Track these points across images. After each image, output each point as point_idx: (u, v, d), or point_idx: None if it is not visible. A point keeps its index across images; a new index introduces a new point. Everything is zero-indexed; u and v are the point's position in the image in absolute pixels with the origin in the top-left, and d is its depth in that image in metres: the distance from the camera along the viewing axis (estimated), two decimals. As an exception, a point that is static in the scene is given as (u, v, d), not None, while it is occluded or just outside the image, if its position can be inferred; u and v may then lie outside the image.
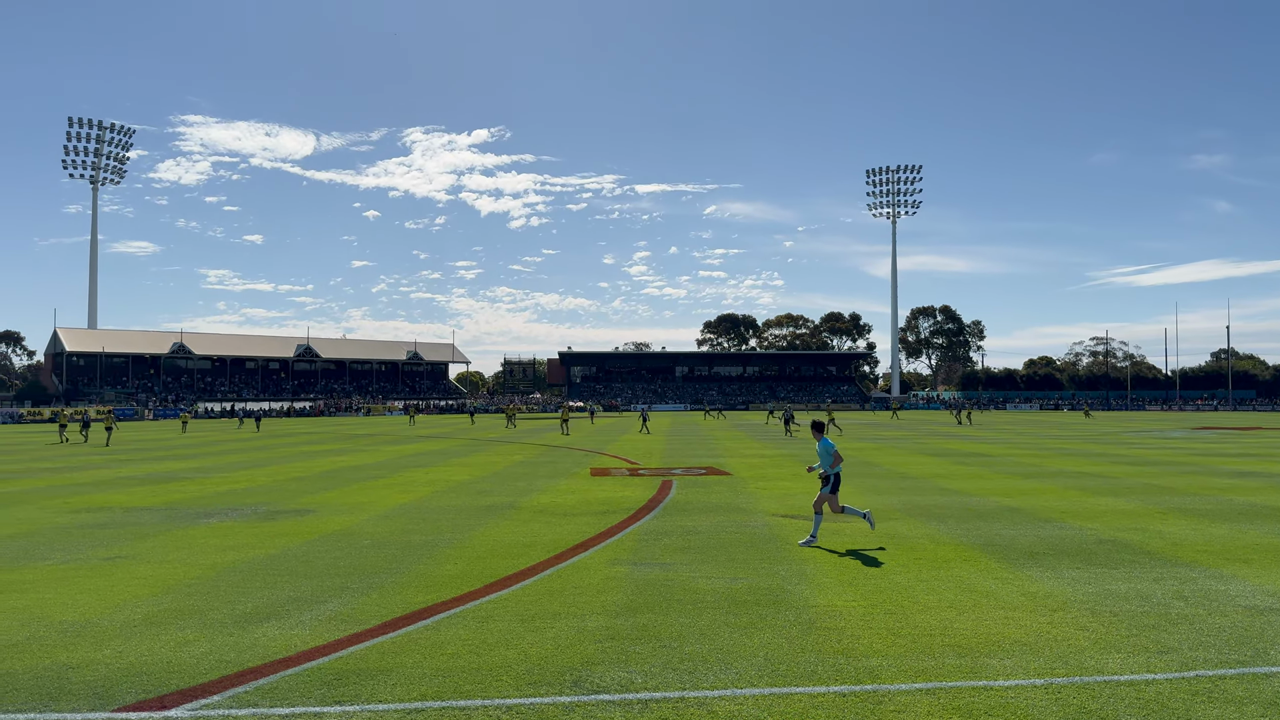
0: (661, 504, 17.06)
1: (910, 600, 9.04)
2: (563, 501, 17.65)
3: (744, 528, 13.95)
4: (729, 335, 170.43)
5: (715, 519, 14.94)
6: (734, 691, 6.32)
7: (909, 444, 38.09)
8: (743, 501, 17.36)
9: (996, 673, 6.68)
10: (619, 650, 7.34)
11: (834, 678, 6.61)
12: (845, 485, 20.32)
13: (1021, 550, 11.88)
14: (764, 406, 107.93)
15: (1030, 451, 32.90)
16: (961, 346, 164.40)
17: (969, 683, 6.46)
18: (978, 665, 6.87)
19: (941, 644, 7.46)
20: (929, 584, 9.81)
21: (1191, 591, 9.39)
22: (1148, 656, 7.07)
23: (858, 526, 14.04)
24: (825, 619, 8.29)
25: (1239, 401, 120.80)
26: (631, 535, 13.32)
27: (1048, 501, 17.25)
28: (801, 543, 12.39)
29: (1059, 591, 9.41)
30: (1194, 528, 13.89)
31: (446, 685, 6.52)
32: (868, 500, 17.43)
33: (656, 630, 7.94)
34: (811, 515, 15.08)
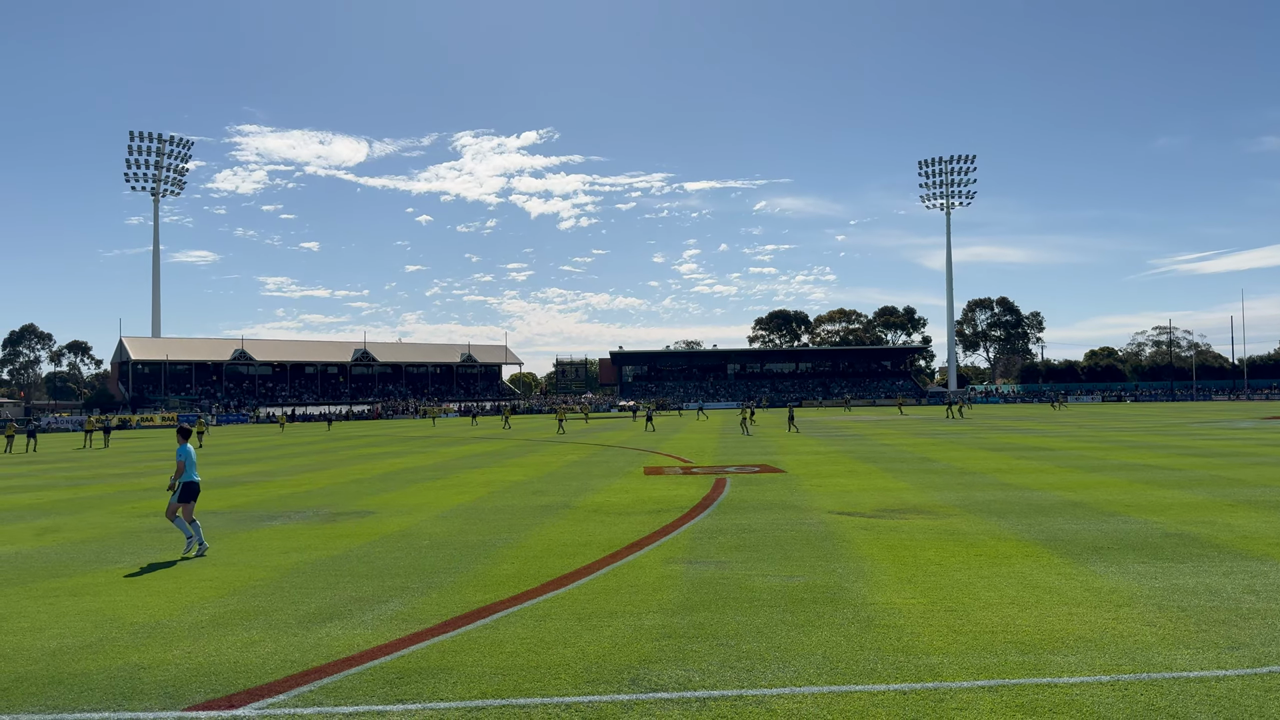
0: (716, 502, 17.03)
1: (971, 597, 8.92)
2: (617, 501, 17.71)
3: (799, 525, 13.87)
4: (781, 332, 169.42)
5: (770, 517, 14.88)
6: (792, 690, 6.30)
7: (968, 439, 37.52)
8: (797, 499, 17.27)
9: (1061, 669, 6.57)
10: (676, 648, 7.35)
11: (894, 675, 6.55)
12: (903, 482, 20.10)
13: (1085, 545, 11.65)
14: (741, 405, 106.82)
15: (1093, 444, 32.22)
16: (1020, 339, 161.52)
17: (1032, 680, 6.35)
18: (1041, 662, 6.75)
19: (1003, 641, 7.35)
20: (990, 580, 9.67)
21: (1263, 586, 9.13)
22: (1218, 652, 6.90)
23: (916, 523, 13.87)
24: (884, 616, 8.21)
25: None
26: (686, 533, 13.33)
27: (1111, 495, 16.88)
28: (187, 554, 12.30)
29: (1124, 586, 9.21)
30: (1265, 520, 13.50)
31: (506, 683, 6.59)
32: (926, 497, 17.23)
33: (713, 628, 7.93)
34: (870, 514, 15.01)
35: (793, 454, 30.28)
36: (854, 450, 31.39)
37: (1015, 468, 23.22)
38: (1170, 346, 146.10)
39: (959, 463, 25.15)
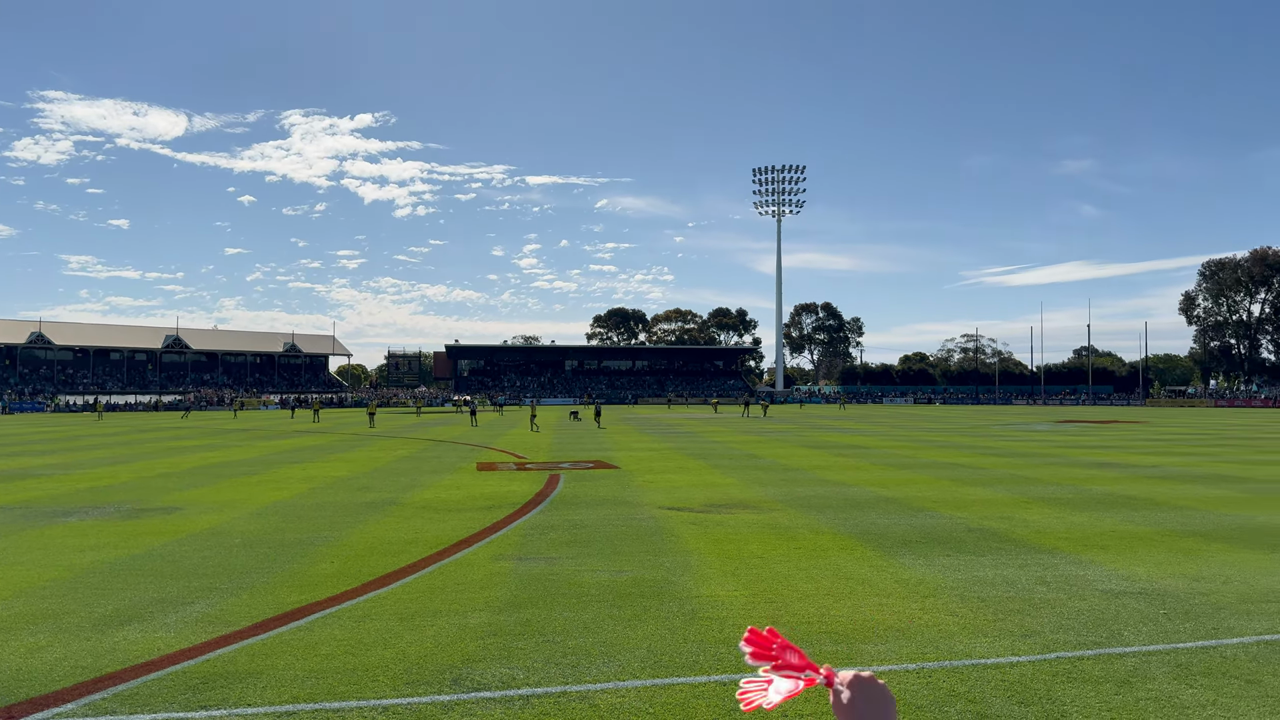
0: (548, 498, 16.96)
1: (790, 588, 9.22)
2: (447, 497, 17.36)
3: (630, 521, 13.98)
4: (619, 330, 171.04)
5: (602, 512, 14.94)
6: (616, 684, 6.31)
7: (791, 436, 38.94)
8: (630, 495, 17.42)
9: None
10: (501, 646, 7.24)
11: (715, 666, 6.67)
12: (731, 478, 20.61)
13: (896, 539, 12.27)
14: (585, 402, 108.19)
15: (905, 444, 34.06)
16: (842, 342, 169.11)
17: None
18: (853, 651, 7.05)
19: (819, 631, 7.62)
20: (808, 572, 10.03)
21: (1053, 577, 9.86)
22: (1013, 640, 7.38)
23: (741, 518, 14.24)
24: (708, 609, 8.37)
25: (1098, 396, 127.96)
26: (517, 530, 13.20)
27: (920, 491, 17.88)
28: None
29: (930, 578, 9.75)
30: (1056, 516, 14.61)
31: (320, 687, 6.30)
32: (752, 492, 17.73)
33: (540, 625, 7.87)
34: (699, 509, 15.30)
35: (627, 450, 30.57)
36: (686, 447, 32.00)
37: (834, 465, 24.25)
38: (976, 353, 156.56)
39: (784, 460, 26.04)
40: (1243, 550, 11.43)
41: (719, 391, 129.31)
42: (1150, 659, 6.85)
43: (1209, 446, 32.58)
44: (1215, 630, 7.65)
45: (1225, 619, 8.03)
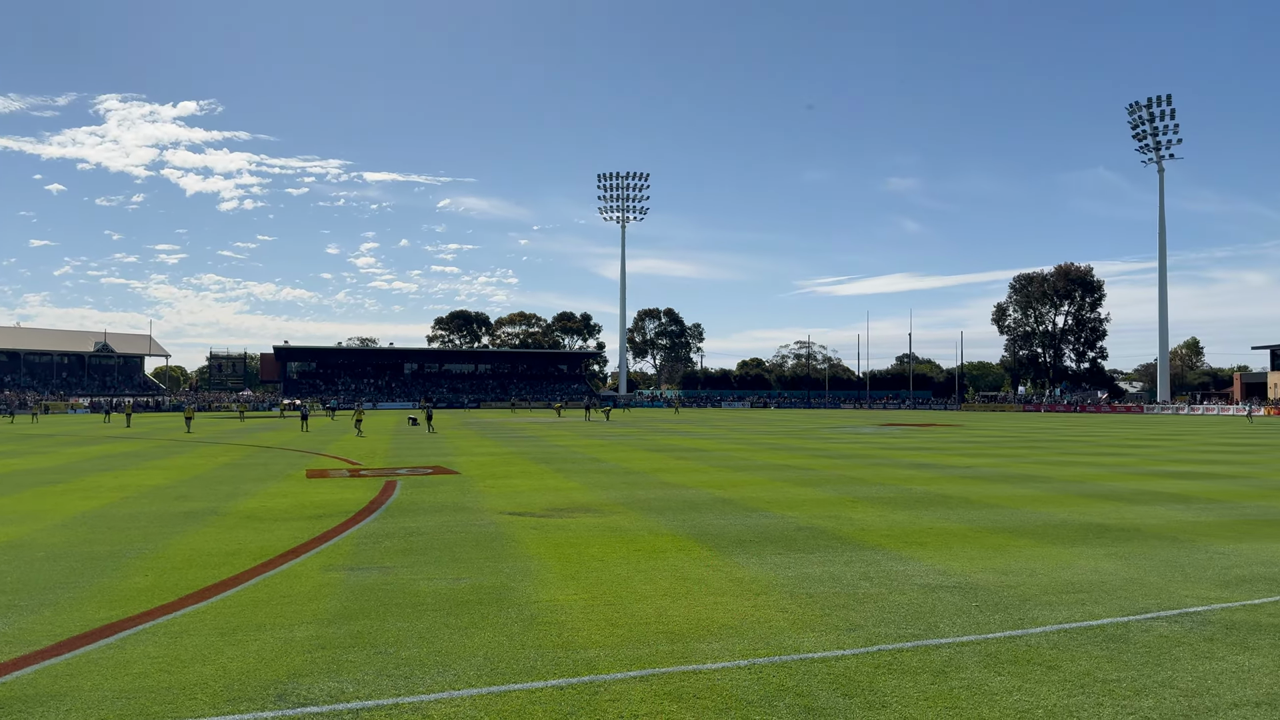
0: (384, 505, 16.50)
1: (629, 590, 9.30)
2: (273, 506, 16.62)
3: (470, 527, 13.77)
4: (461, 332, 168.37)
5: (440, 519, 14.65)
6: (451, 694, 6.20)
7: (634, 440, 39.35)
8: (470, 500, 17.16)
9: (705, 656, 7.01)
10: (330, 659, 6.98)
11: (553, 671, 6.65)
12: (573, 482, 20.63)
13: (731, 539, 12.58)
14: (420, 406, 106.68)
15: (741, 446, 35.02)
16: (684, 348, 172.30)
17: (680, 667, 6.73)
18: (689, 650, 7.17)
19: (656, 631, 7.72)
20: (647, 574, 10.15)
21: (876, 573, 10.34)
22: (838, 634, 7.70)
23: (583, 521, 14.27)
24: (547, 614, 8.34)
25: (918, 401, 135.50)
26: (349, 539, 12.77)
27: (755, 493, 18.41)
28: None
29: (763, 576, 10.05)
30: (879, 514, 15.34)
31: (131, 707, 5.90)
32: (594, 496, 17.80)
33: (372, 636, 7.63)
34: (541, 513, 15.25)
35: (468, 455, 30.12)
36: (529, 451, 31.82)
37: (674, 468, 24.67)
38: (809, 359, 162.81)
39: (626, 463, 26.29)
40: (1047, 545, 12.32)
41: (563, 395, 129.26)
42: (963, 649, 7.28)
43: (1017, 448, 35.00)
44: (1021, 620, 8.21)
45: (1030, 610, 8.62)
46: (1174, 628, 7.94)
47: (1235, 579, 10.05)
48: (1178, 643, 7.46)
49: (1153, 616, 8.34)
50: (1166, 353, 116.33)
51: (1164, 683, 6.43)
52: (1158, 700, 6.07)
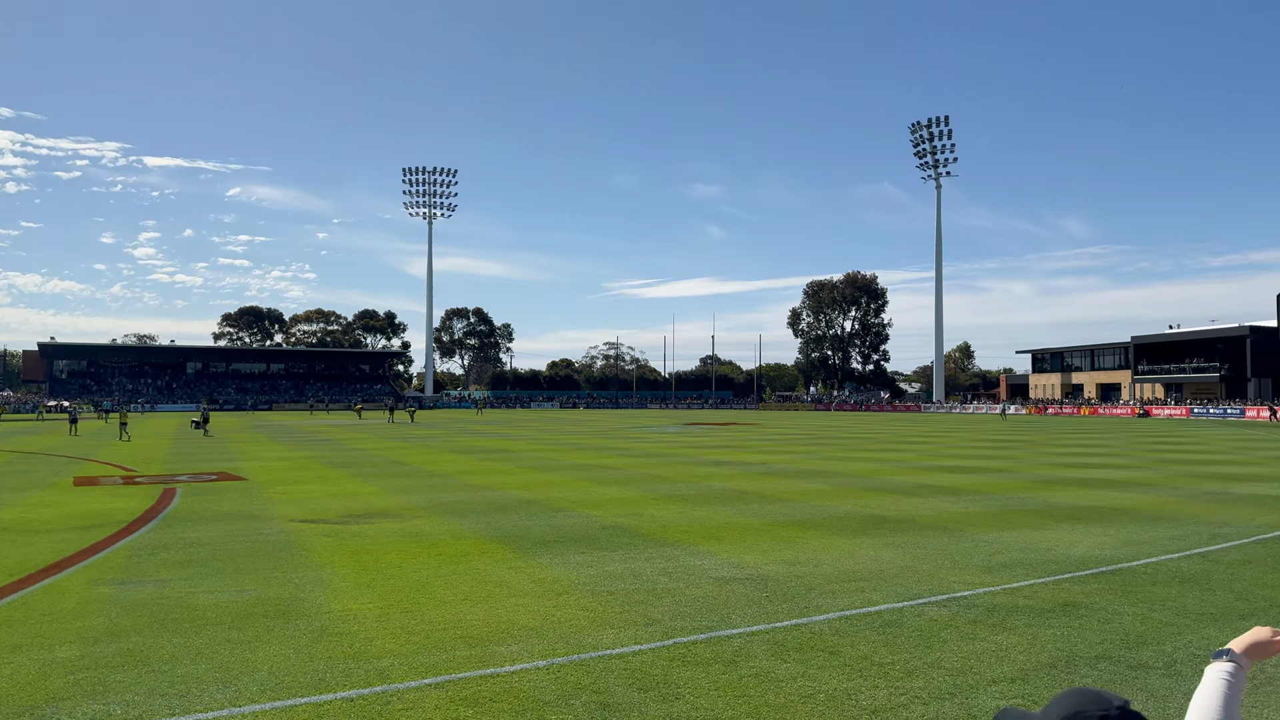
0: (161, 515, 15.40)
1: (427, 596, 9.10)
2: (35, 517, 15.18)
3: (257, 536, 13.06)
4: (252, 330, 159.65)
5: (224, 528, 13.82)
6: (231, 710, 5.85)
7: (439, 442, 38.59)
8: (258, 508, 16.28)
9: (504, 659, 6.95)
10: (95, 680, 6.44)
11: (343, 683, 6.40)
12: (373, 486, 19.98)
13: (535, 539, 12.56)
14: (199, 408, 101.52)
15: (550, 446, 35.06)
16: (493, 348, 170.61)
17: (477, 672, 6.64)
18: (487, 654, 7.09)
19: (454, 637, 7.59)
20: (446, 578, 9.96)
21: (674, 568, 10.59)
22: (636, 629, 7.82)
23: (381, 527, 13.85)
24: (339, 624, 8.02)
25: (720, 400, 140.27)
26: (121, 551, 11.83)
27: (561, 493, 18.47)
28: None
29: (565, 576, 10.08)
30: (680, 511, 15.73)
31: None
32: (395, 500, 17.31)
33: (145, 654, 7.09)
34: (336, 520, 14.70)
35: (257, 460, 28.59)
36: (325, 455, 30.57)
37: (480, 469, 24.37)
38: (617, 360, 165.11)
39: (430, 465, 25.73)
40: (832, 536, 13.01)
41: (365, 396, 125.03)
42: (753, 638, 7.57)
43: (808, 445, 36.83)
44: (807, 609, 8.62)
45: (815, 598, 9.07)
46: (943, 611, 8.56)
47: (998, 565, 10.96)
48: (946, 625, 8.04)
49: (925, 601, 8.97)
50: (941, 356, 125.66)
51: (933, 663, 6.92)
52: (927, 680, 6.52)
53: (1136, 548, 12.09)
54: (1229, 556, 11.45)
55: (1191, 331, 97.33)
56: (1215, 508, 16.29)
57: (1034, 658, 7.08)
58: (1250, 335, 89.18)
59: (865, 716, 5.80)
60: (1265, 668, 6.62)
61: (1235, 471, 23.98)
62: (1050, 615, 8.41)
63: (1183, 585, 9.73)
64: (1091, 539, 12.83)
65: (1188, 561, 11.12)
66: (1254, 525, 14.12)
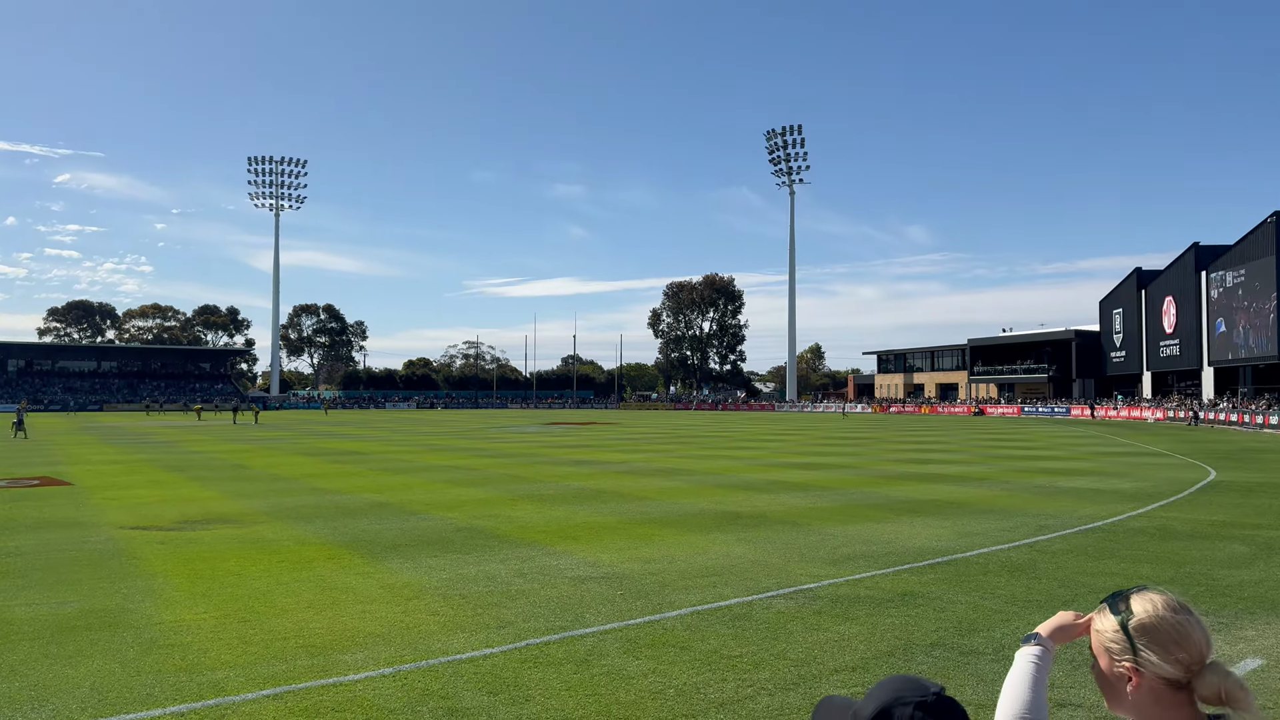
0: (-27, 523, 14.22)
1: (268, 605, 8.71)
2: None
3: (83, 545, 12.22)
4: (81, 325, 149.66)
5: (45, 536, 12.87)
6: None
7: (286, 444, 37.13)
8: (84, 515, 15.25)
9: (348, 668, 6.72)
10: (-115, 709, 5.87)
11: (173, 697, 6.05)
12: (212, 491, 19.04)
13: (385, 544, 12.22)
14: (18, 409, 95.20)
15: (404, 448, 34.26)
16: (345, 346, 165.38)
17: (319, 681, 6.39)
18: (330, 663, 6.84)
19: (295, 646, 7.29)
20: (289, 586, 9.57)
21: (530, 569, 10.51)
22: (488, 633, 7.71)
23: (220, 534, 13.19)
24: (170, 636, 7.58)
25: (582, 400, 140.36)
26: (-77, 564, 10.85)
27: (415, 495, 18.06)
28: None
29: (416, 580, 9.85)
30: (538, 511, 15.63)
31: None
32: (235, 505, 16.53)
33: (-55, 676, 6.51)
34: (170, 526, 13.96)
35: (85, 464, 26.79)
36: (160, 459, 28.93)
37: (329, 472, 23.57)
38: (477, 359, 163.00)
39: (274, 469, 24.70)
40: (687, 533, 13.19)
41: (205, 396, 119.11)
42: (606, 637, 7.58)
43: (666, 444, 37.30)
44: (660, 605, 8.70)
45: (668, 595, 9.17)
46: (790, 604, 8.80)
47: (842, 557, 11.35)
48: (792, 617, 8.27)
49: (773, 594, 9.20)
50: (794, 357, 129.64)
51: (779, 655, 7.10)
52: (773, 671, 6.68)
53: (970, 539, 12.76)
54: (1054, 546, 12.23)
55: (1022, 335, 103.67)
56: (1042, 500, 17.38)
57: (874, 646, 7.36)
58: (1075, 339, 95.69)
59: (713, 710, 5.89)
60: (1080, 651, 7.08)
61: (1060, 466, 25.67)
62: (890, 605, 8.77)
63: (1012, 574, 10.32)
64: (929, 531, 13.47)
65: (1017, 551, 11.81)
66: (1076, 517, 15.13)
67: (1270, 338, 60.66)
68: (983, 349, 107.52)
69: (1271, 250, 60.21)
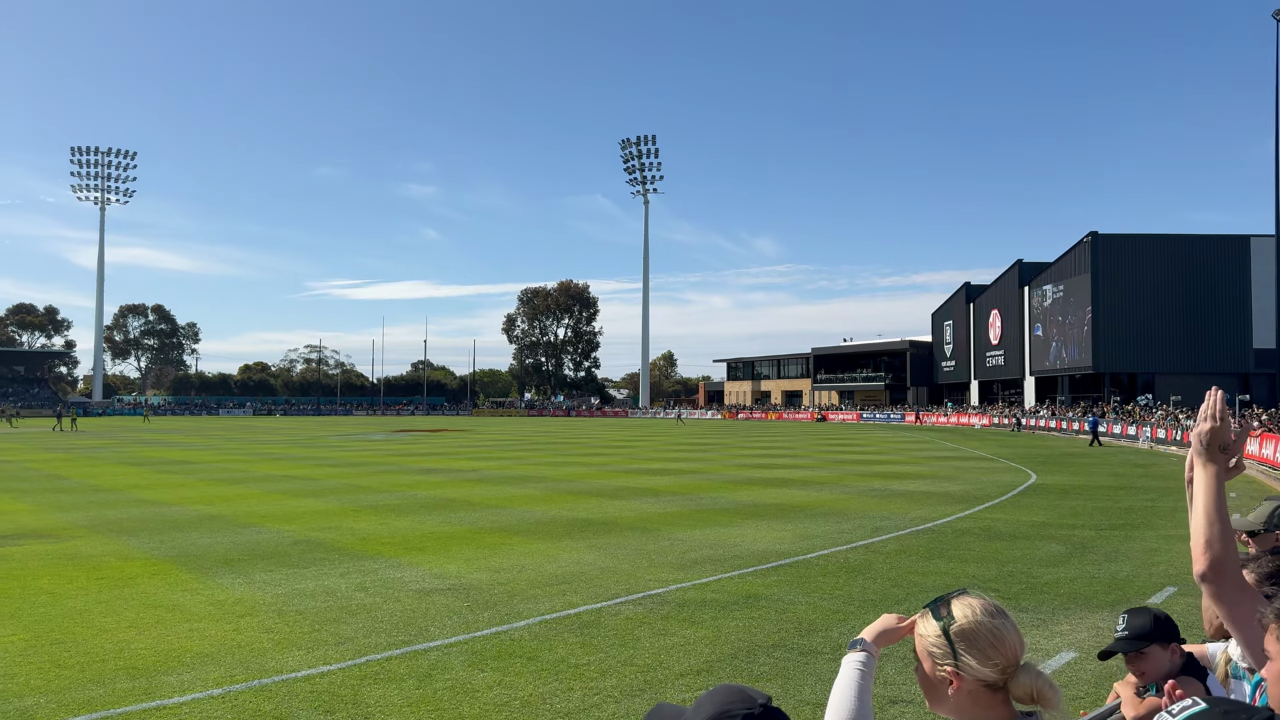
0: None
1: (85, 625, 8.13)
2: None
3: None
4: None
5: None
6: None
7: (109, 453, 34.81)
8: None
9: (173, 689, 6.34)
10: None
11: (-30, 733, 5.55)
12: (23, 503, 17.63)
13: (216, 558, 11.61)
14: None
15: (239, 457, 32.70)
16: (176, 349, 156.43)
17: (140, 705, 6.00)
18: (153, 685, 6.43)
19: (115, 668, 6.82)
20: (109, 604, 8.95)
21: (372, 582, 10.20)
22: (326, 649, 7.42)
23: (32, 549, 12.22)
24: (-31, 664, 6.96)
25: (433, 407, 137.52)
26: None
27: (250, 507, 17.25)
28: None
29: (249, 596, 9.40)
30: (382, 522, 15.20)
31: None
32: (49, 519, 15.36)
33: None
34: None
35: (-127, 476, 24.33)
36: (-37, 469, 26.59)
37: (156, 483, 22.24)
38: (320, 364, 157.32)
39: (95, 480, 23.11)
40: (537, 541, 13.11)
41: (22, 402, 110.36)
42: (451, 650, 7.43)
43: (520, 451, 37.00)
44: (508, 615, 8.60)
45: (517, 604, 9.08)
46: (638, 609, 8.87)
47: (690, 561, 11.53)
48: (640, 623, 8.33)
49: (622, 600, 9.24)
50: (648, 364, 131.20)
51: (626, 661, 7.13)
52: (620, 679, 6.71)
53: (811, 541, 13.19)
54: (888, 547, 12.79)
55: (862, 345, 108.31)
56: (878, 503, 18.17)
57: (718, 649, 7.50)
58: (910, 349, 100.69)
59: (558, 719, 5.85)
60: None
61: (895, 470, 26.91)
62: (734, 608, 8.95)
63: (849, 575, 10.73)
64: (773, 534, 13.85)
65: (854, 553, 12.29)
66: (909, 519, 15.88)
67: (1085, 349, 65.52)
68: (825, 358, 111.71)
69: (1087, 268, 65.05)
